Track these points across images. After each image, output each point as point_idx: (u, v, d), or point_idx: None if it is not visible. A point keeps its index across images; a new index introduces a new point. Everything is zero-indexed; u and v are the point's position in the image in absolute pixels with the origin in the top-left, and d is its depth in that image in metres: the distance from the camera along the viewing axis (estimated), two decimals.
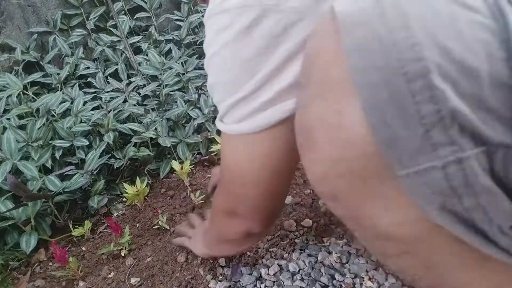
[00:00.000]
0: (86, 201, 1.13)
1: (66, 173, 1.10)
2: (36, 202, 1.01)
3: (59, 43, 1.46)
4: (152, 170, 1.26)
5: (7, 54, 1.38)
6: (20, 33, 1.42)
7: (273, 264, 0.86)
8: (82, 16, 1.52)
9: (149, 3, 1.63)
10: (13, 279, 0.97)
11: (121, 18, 1.56)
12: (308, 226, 0.93)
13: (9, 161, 1.02)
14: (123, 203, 1.17)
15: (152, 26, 1.61)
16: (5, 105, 1.20)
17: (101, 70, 1.45)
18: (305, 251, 0.88)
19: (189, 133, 1.28)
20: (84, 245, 1.05)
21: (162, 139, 1.22)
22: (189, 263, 0.91)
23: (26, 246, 0.99)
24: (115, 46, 1.52)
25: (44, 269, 0.99)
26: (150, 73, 1.42)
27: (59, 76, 1.37)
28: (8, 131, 1.06)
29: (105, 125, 1.18)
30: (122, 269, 0.94)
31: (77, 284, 0.93)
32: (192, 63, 1.46)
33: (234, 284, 0.84)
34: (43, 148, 1.11)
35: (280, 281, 0.82)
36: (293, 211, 0.98)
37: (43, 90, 1.38)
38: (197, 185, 1.19)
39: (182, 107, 1.31)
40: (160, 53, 1.51)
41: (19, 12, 1.40)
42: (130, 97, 1.33)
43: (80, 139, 1.16)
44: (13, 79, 1.26)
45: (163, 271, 0.91)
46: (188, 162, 1.16)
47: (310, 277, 0.81)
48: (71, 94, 1.30)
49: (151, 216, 1.10)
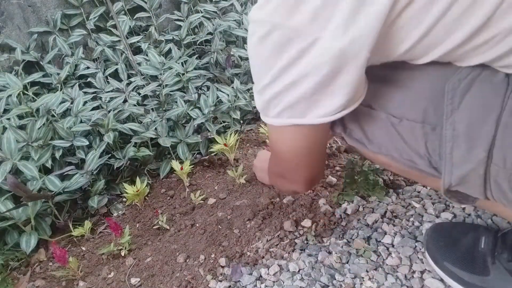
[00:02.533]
0: (86, 201, 1.13)
1: (66, 173, 1.10)
2: (36, 202, 1.01)
3: (59, 43, 1.46)
4: (152, 170, 1.26)
5: (7, 54, 1.38)
6: (20, 33, 1.42)
7: (273, 264, 0.86)
8: (82, 16, 1.52)
9: (149, 3, 1.63)
10: (13, 279, 0.97)
11: (121, 18, 1.56)
12: (308, 226, 0.94)
13: (9, 161, 1.02)
14: (123, 203, 1.17)
15: (152, 26, 1.60)
16: (5, 105, 1.20)
17: (101, 70, 1.45)
18: (305, 251, 0.88)
19: (189, 133, 1.28)
20: (84, 245, 1.05)
21: (162, 139, 1.22)
22: (189, 263, 0.91)
23: (26, 246, 0.99)
24: (115, 46, 1.52)
25: (44, 269, 0.99)
26: (150, 73, 1.42)
27: (59, 76, 1.37)
28: (8, 131, 1.06)
29: (105, 125, 1.18)
30: (122, 269, 0.94)
31: (77, 284, 0.93)
32: (192, 63, 1.46)
33: (234, 284, 0.84)
34: (43, 148, 1.11)
35: (280, 281, 0.82)
36: (293, 211, 0.98)
37: (43, 90, 1.38)
38: (197, 185, 1.19)
39: (182, 107, 1.31)
40: (160, 53, 1.50)
41: (19, 12, 1.40)
42: (130, 97, 1.33)
43: (80, 139, 1.16)
44: (13, 79, 1.26)
45: (163, 271, 0.91)
46: (188, 162, 1.16)
47: (310, 277, 0.81)
48: (71, 94, 1.30)
49: (151, 216, 1.10)
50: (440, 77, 0.52)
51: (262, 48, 0.51)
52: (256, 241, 0.93)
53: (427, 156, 0.55)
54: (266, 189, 1.08)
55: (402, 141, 0.56)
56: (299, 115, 0.54)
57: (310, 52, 0.48)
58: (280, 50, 0.49)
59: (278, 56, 0.50)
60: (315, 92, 0.51)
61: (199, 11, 1.67)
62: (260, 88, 0.55)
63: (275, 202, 1.03)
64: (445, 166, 0.53)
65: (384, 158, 0.62)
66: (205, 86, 1.47)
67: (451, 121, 0.50)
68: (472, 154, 0.50)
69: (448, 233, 0.78)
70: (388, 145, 0.59)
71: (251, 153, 1.30)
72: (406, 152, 0.57)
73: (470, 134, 0.49)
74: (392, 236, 0.86)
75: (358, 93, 0.54)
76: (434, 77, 0.53)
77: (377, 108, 0.58)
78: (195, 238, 0.98)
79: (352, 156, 1.15)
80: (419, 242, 0.83)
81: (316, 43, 0.47)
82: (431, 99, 0.53)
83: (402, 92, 0.56)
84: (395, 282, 0.77)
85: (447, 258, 0.73)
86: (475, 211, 0.87)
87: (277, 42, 0.49)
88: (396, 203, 0.94)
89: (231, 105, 1.35)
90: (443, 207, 0.90)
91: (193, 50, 1.62)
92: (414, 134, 0.55)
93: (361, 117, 0.59)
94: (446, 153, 0.52)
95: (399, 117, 0.56)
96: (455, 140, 0.51)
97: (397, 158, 0.58)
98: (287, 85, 0.51)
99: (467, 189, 0.54)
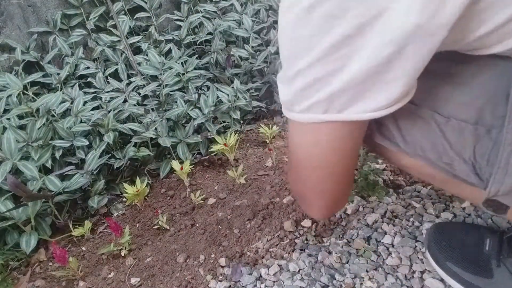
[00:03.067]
0: (86, 201, 1.13)
1: (66, 173, 1.10)
2: (36, 202, 1.01)
3: (59, 43, 1.46)
4: (152, 170, 1.26)
5: (7, 54, 1.38)
6: (20, 33, 1.42)
7: (273, 264, 0.86)
8: (82, 16, 1.52)
9: (149, 3, 1.63)
10: (13, 279, 0.97)
11: (121, 18, 1.56)
12: (308, 226, 0.94)
13: (9, 161, 1.02)
14: (123, 203, 1.17)
15: (152, 26, 1.60)
16: (5, 105, 1.20)
17: (101, 70, 1.45)
18: (305, 251, 0.88)
19: (189, 133, 1.28)
20: (84, 245, 1.05)
21: (162, 139, 1.22)
22: (189, 263, 0.91)
23: (26, 246, 0.99)
24: (115, 46, 1.52)
25: (44, 269, 0.99)
26: (150, 73, 1.42)
27: (59, 76, 1.37)
28: (8, 131, 1.06)
29: (105, 125, 1.18)
30: (122, 269, 0.94)
31: (77, 284, 0.93)
32: (192, 63, 1.46)
33: (234, 284, 0.84)
34: (43, 148, 1.11)
35: (280, 281, 0.82)
36: (293, 211, 0.98)
37: (43, 90, 1.38)
38: (197, 185, 1.19)
39: (182, 107, 1.31)
40: (160, 53, 1.50)
41: (19, 12, 1.40)
42: (130, 97, 1.33)
43: (80, 139, 1.16)
44: (13, 79, 1.26)
45: (163, 271, 0.91)
46: (188, 162, 1.16)
47: (310, 277, 0.81)
48: (71, 94, 1.30)
49: (151, 216, 1.10)
50: (503, 75, 0.46)
51: (305, 22, 0.41)
52: (256, 241, 0.93)
53: (471, 160, 0.49)
54: (266, 189, 1.08)
55: (446, 142, 0.50)
56: (339, 108, 0.45)
57: (373, 28, 0.39)
58: (330, 24, 0.40)
59: (326, 32, 0.40)
60: (368, 79, 0.42)
61: (199, 11, 1.67)
62: (292, 74, 0.45)
63: (275, 202, 1.03)
64: (496, 173, 0.47)
65: (415, 161, 0.55)
66: (205, 86, 1.48)
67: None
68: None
69: (450, 233, 0.77)
70: (426, 146, 0.52)
71: (251, 153, 1.30)
72: (447, 155, 0.51)
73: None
74: (392, 236, 0.86)
75: (415, 84, 0.46)
76: (497, 74, 0.46)
77: (421, 104, 0.51)
78: (195, 238, 0.98)
79: None
80: (419, 242, 0.83)
81: (382, 16, 0.38)
82: (491, 98, 0.47)
83: (455, 88, 0.49)
84: (395, 282, 0.77)
85: (450, 258, 0.72)
86: (475, 211, 0.87)
87: (328, 13, 0.39)
88: (396, 203, 0.94)
89: (231, 105, 1.35)
90: (443, 207, 0.90)
91: (193, 50, 1.62)
92: (462, 135, 0.49)
93: (399, 112, 0.48)
94: (501, 158, 0.46)
95: (447, 116, 0.49)
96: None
97: (434, 161, 0.52)
98: (332, 70, 0.42)
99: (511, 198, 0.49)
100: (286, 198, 1.03)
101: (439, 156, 0.51)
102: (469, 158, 0.49)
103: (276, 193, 1.06)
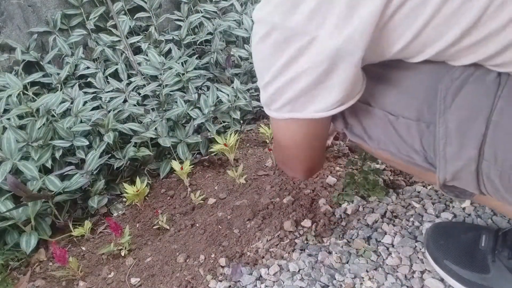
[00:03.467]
0: (86, 201, 1.13)
1: (66, 173, 1.10)
2: (36, 202, 1.02)
3: (59, 43, 1.46)
4: (152, 170, 1.26)
5: (7, 54, 1.38)
6: (20, 33, 1.42)
7: (273, 264, 0.86)
8: (82, 16, 1.52)
9: (149, 3, 1.63)
10: (13, 279, 0.97)
11: (121, 18, 1.56)
12: (308, 226, 0.94)
13: (9, 161, 1.02)
14: (123, 203, 1.17)
15: (152, 26, 1.60)
16: (5, 105, 1.20)
17: (101, 70, 1.45)
18: (305, 251, 0.88)
19: (189, 133, 1.28)
20: (84, 245, 1.05)
21: (162, 139, 1.22)
22: (189, 263, 0.91)
23: (26, 246, 0.99)
24: (115, 46, 1.52)
25: (44, 269, 0.99)
26: (150, 73, 1.42)
27: (59, 76, 1.37)
28: (8, 131, 1.06)
29: (105, 125, 1.18)
30: (122, 269, 0.94)
31: (77, 284, 0.93)
32: (192, 63, 1.46)
33: (234, 284, 0.84)
34: (43, 148, 1.11)
35: (280, 281, 0.82)
36: (293, 211, 0.98)
37: (43, 90, 1.38)
38: (197, 185, 1.19)
39: (182, 107, 1.31)
40: (160, 53, 1.50)
41: (19, 12, 1.40)
42: (130, 97, 1.33)
43: (80, 139, 1.16)
44: (13, 79, 1.26)
45: (163, 271, 0.91)
46: (188, 162, 1.16)
47: (310, 277, 0.81)
48: (71, 94, 1.30)
49: (151, 216, 1.10)
50: (434, 76, 0.54)
51: (263, 47, 0.53)
52: (256, 241, 0.93)
53: (422, 152, 0.57)
54: (266, 189, 1.09)
55: (399, 137, 0.58)
56: (299, 109, 0.57)
57: (308, 51, 0.50)
58: (280, 48, 0.52)
59: (278, 54, 0.52)
60: (313, 88, 0.53)
61: (199, 11, 1.67)
62: (263, 84, 0.58)
63: (275, 202, 1.03)
64: (439, 162, 0.55)
65: (384, 153, 0.63)
66: (205, 86, 1.48)
67: (443, 119, 0.52)
68: (463, 151, 0.52)
69: (448, 232, 0.78)
70: (386, 141, 0.61)
71: (251, 153, 1.30)
72: (403, 148, 0.59)
73: (461, 132, 0.51)
74: (392, 236, 0.86)
75: (355, 90, 0.56)
76: (428, 76, 0.54)
77: (375, 105, 0.60)
78: (195, 238, 0.98)
79: (352, 156, 1.15)
80: (419, 242, 0.83)
81: (313, 42, 0.49)
82: (425, 97, 0.55)
83: (398, 90, 0.58)
84: (395, 282, 0.77)
85: (447, 256, 0.73)
86: (475, 211, 0.87)
87: (277, 41, 0.51)
88: (396, 203, 0.94)
89: (231, 105, 1.36)
90: (443, 207, 0.90)
91: (193, 50, 1.62)
92: (410, 131, 0.57)
93: (361, 113, 0.62)
94: (439, 150, 0.53)
95: (395, 114, 0.58)
96: (447, 137, 0.53)
97: (396, 154, 0.61)
98: (287, 82, 0.54)
99: (462, 184, 0.56)
100: (286, 198, 1.03)
101: (399, 150, 0.60)
102: (420, 150, 0.57)
103: (276, 193, 1.06)
